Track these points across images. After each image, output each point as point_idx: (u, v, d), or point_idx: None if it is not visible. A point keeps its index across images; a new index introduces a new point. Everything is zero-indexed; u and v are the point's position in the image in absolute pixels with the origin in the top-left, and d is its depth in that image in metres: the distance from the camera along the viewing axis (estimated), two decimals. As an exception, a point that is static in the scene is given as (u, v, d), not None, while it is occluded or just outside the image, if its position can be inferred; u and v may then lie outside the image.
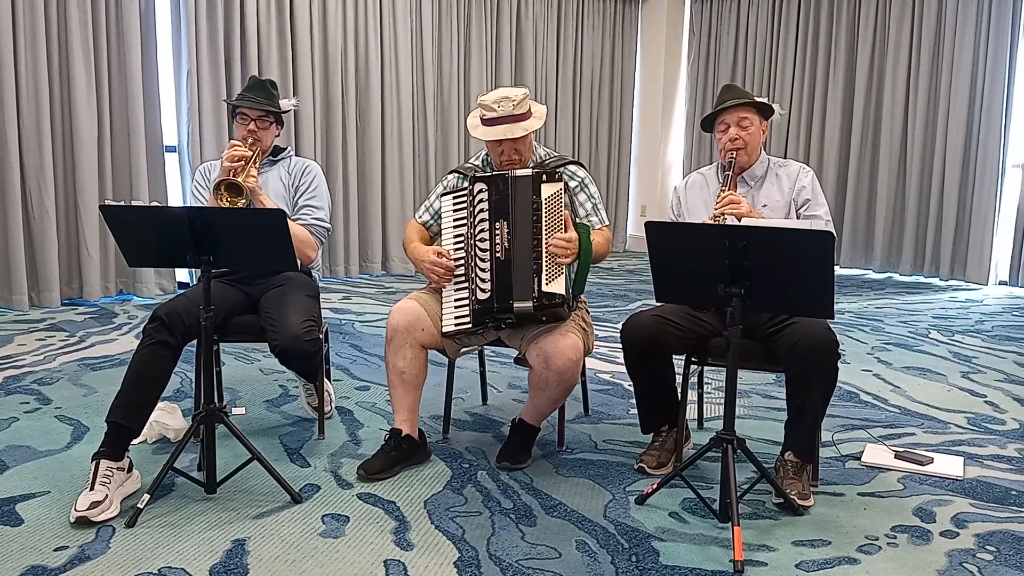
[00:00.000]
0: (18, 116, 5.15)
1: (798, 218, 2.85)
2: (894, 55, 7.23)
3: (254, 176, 2.93)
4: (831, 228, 2.80)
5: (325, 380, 3.33)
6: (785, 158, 3.03)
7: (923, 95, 7.10)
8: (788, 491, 2.56)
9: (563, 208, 2.73)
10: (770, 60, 8.02)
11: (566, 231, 2.71)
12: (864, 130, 7.48)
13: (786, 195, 2.88)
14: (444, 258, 2.81)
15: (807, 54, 7.75)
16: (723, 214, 2.68)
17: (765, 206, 2.88)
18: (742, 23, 8.20)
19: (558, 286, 2.67)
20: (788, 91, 7.85)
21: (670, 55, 8.76)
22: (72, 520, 2.40)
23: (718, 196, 2.75)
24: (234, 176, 2.88)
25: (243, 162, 2.92)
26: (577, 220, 2.88)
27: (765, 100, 2.92)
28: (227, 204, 2.85)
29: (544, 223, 2.69)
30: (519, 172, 2.78)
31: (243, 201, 2.86)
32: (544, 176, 2.72)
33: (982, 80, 6.78)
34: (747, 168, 2.92)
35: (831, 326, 2.60)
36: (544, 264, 2.67)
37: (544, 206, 2.70)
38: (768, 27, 8.01)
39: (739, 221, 2.72)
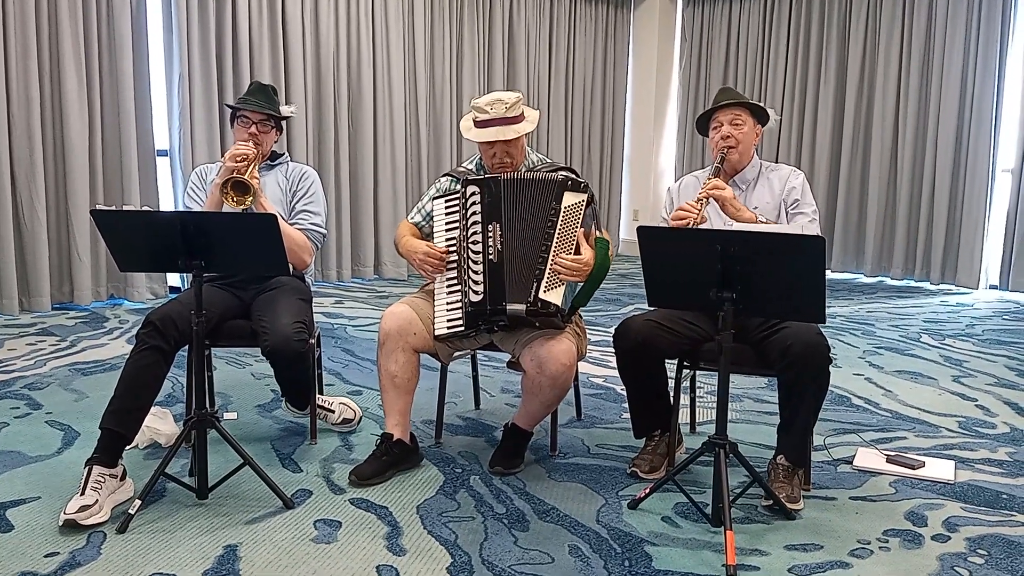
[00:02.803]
0: (8, 120, 5.14)
1: (787, 218, 2.88)
2: (884, 60, 7.27)
3: (256, 177, 2.92)
4: (816, 227, 2.85)
5: (348, 399, 3.36)
6: (777, 162, 3.07)
7: (913, 100, 7.14)
8: (779, 494, 2.57)
9: (579, 222, 2.70)
10: (761, 65, 8.05)
11: (579, 250, 2.70)
12: (855, 134, 7.51)
13: (776, 197, 2.92)
14: (437, 251, 2.81)
15: (798, 59, 7.78)
16: (708, 196, 2.74)
17: (756, 208, 2.90)
18: (733, 27, 8.23)
19: (555, 296, 2.66)
20: (779, 96, 7.89)
21: (662, 59, 8.78)
22: (60, 523, 2.38)
23: (703, 185, 2.80)
24: (239, 175, 2.87)
25: (246, 161, 2.92)
26: (598, 235, 2.85)
27: (760, 104, 2.95)
28: (234, 203, 2.84)
29: (557, 231, 2.68)
30: (549, 175, 2.76)
31: (250, 199, 2.84)
32: (570, 183, 2.71)
33: (972, 85, 6.82)
34: (739, 170, 2.96)
35: (822, 330, 2.61)
36: (547, 272, 2.67)
37: (561, 214, 2.69)
38: (759, 32, 8.04)
39: (722, 208, 2.76)
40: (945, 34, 6.92)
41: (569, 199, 2.70)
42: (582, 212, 2.71)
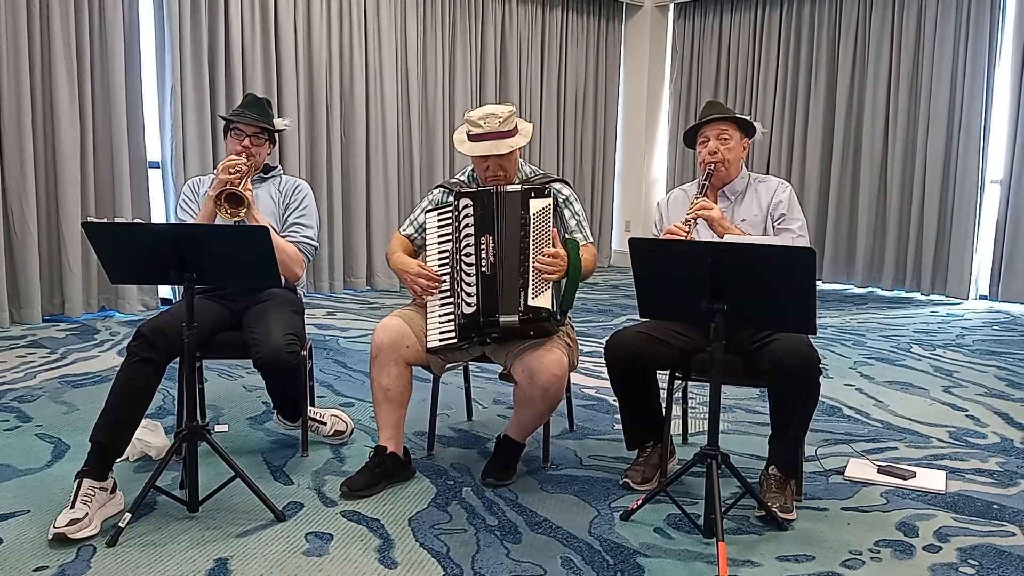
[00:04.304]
0: None
1: (774, 231, 2.90)
2: (874, 72, 7.31)
3: (250, 189, 2.93)
4: (804, 242, 2.85)
5: (340, 411, 3.36)
6: (767, 174, 3.09)
7: (903, 112, 7.18)
8: (771, 504, 2.57)
9: (551, 224, 2.74)
10: (752, 77, 8.09)
11: (553, 247, 2.72)
12: (845, 146, 7.55)
13: (764, 209, 2.92)
14: (428, 271, 2.82)
15: (788, 71, 7.83)
16: (696, 216, 2.75)
17: (744, 220, 2.92)
18: (724, 40, 8.28)
19: (544, 300, 2.68)
20: (770, 108, 7.93)
21: (653, 72, 8.83)
22: (50, 537, 2.37)
23: (690, 206, 2.80)
24: (232, 186, 2.87)
25: (239, 174, 2.92)
26: (566, 236, 2.89)
27: (747, 117, 2.96)
28: (227, 215, 2.84)
29: (532, 238, 2.71)
30: (507, 187, 2.80)
31: (243, 211, 2.85)
32: (533, 192, 2.74)
33: (961, 97, 6.86)
34: (728, 183, 2.97)
35: (813, 342, 2.62)
36: (531, 279, 2.68)
37: (532, 221, 2.72)
38: (750, 45, 8.09)
39: (710, 227, 2.77)
40: (934, 46, 6.97)
41: (535, 205, 2.73)
42: (550, 216, 2.74)
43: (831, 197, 7.63)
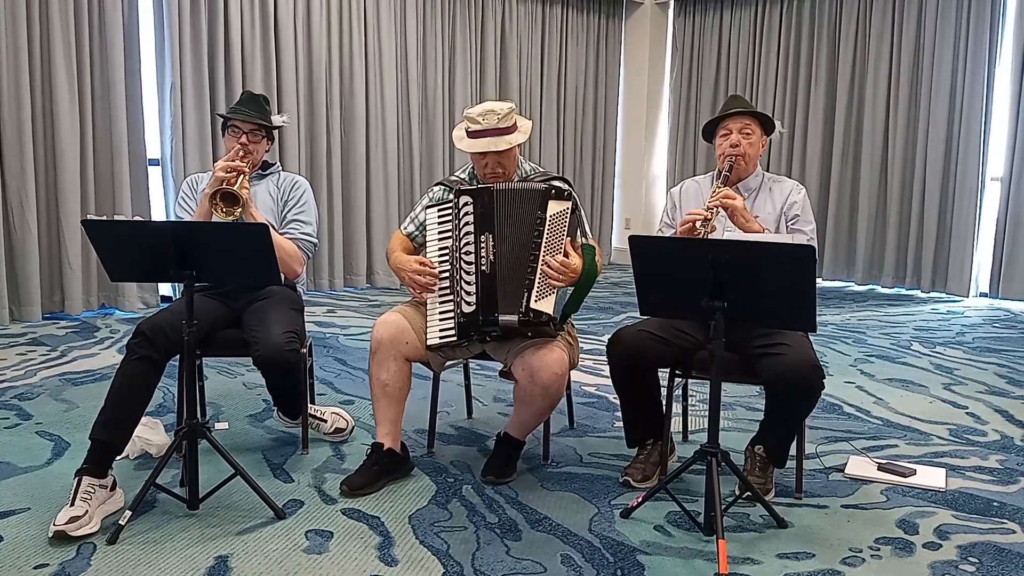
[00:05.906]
0: (-1, 129, 5.13)
1: (787, 231, 2.89)
2: (874, 70, 7.31)
3: (247, 188, 2.92)
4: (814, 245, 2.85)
5: (341, 409, 3.36)
6: (767, 171, 3.09)
7: (903, 109, 7.18)
8: (753, 484, 2.61)
9: (565, 228, 2.71)
10: (752, 75, 8.09)
11: (566, 255, 2.70)
12: (845, 144, 7.55)
13: (778, 209, 2.92)
14: (427, 267, 2.81)
15: (789, 68, 7.82)
16: (719, 204, 2.72)
17: (757, 218, 2.91)
18: (724, 38, 8.27)
19: (547, 304, 2.67)
20: (770, 105, 7.92)
21: (653, 69, 8.82)
22: (50, 535, 2.37)
23: (712, 193, 2.79)
24: (228, 185, 2.86)
25: (236, 173, 2.91)
26: (584, 242, 2.86)
27: (769, 115, 2.96)
28: (223, 214, 2.83)
29: (544, 240, 2.69)
30: (528, 185, 2.78)
31: (239, 210, 2.84)
32: (553, 192, 2.72)
33: (961, 94, 6.86)
34: (743, 179, 2.96)
35: (814, 342, 2.62)
36: (537, 281, 2.67)
37: (547, 223, 2.70)
38: (750, 42, 8.08)
39: (731, 218, 2.77)
40: (934, 43, 6.96)
41: (553, 207, 2.71)
42: (567, 219, 2.72)
43: (831, 194, 7.63)
